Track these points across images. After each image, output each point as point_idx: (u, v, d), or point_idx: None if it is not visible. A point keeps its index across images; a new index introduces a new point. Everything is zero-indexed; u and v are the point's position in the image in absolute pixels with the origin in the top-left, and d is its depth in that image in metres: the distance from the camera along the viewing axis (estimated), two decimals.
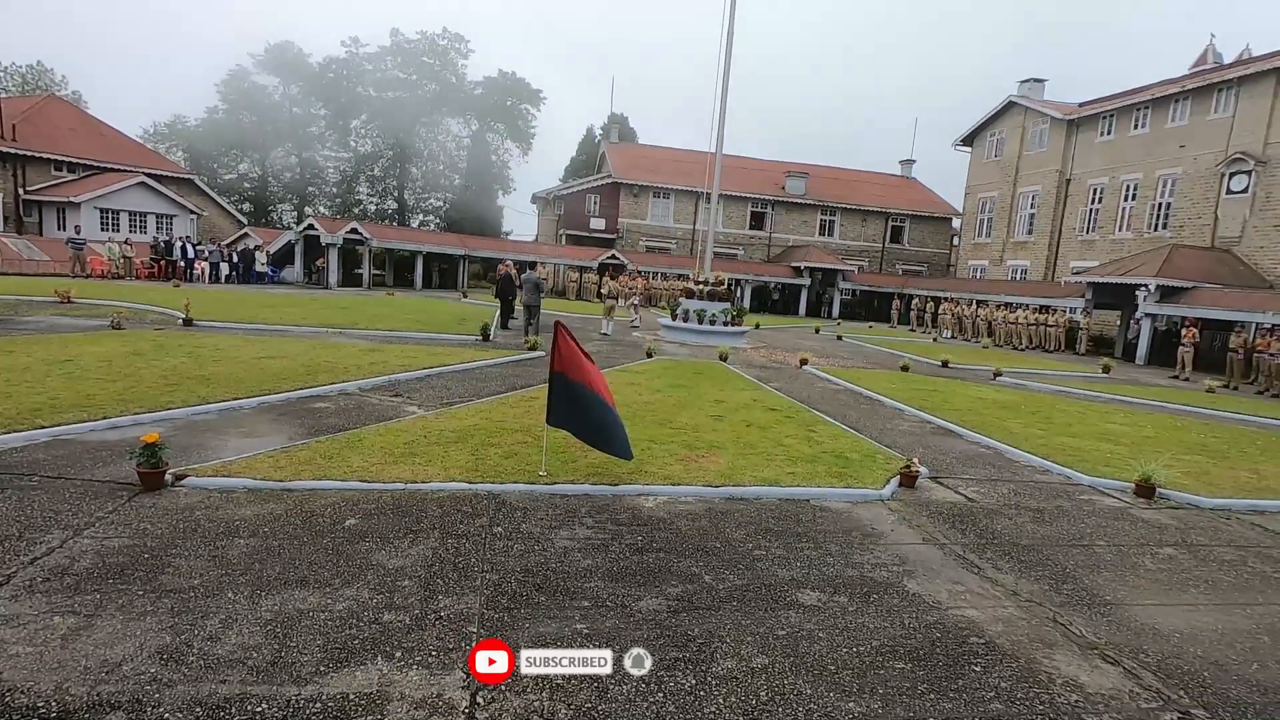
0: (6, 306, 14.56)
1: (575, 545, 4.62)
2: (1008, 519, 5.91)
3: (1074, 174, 32.10)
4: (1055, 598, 4.40)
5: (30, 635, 3.15)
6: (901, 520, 5.64)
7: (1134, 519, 6.21)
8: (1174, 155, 27.23)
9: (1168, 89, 27.49)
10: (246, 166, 51.57)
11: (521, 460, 6.21)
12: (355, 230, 30.63)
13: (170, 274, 26.57)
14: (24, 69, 49.28)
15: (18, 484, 4.97)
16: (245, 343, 11.84)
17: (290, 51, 49.49)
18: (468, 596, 3.81)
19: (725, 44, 19.23)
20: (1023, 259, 34.70)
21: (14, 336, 10.95)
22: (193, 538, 4.30)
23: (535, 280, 16.71)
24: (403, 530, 4.64)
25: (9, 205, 29.54)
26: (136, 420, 6.64)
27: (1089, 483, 7.20)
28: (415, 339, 14.48)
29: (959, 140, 39.45)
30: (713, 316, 18.88)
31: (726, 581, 4.25)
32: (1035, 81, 35.42)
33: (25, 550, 3.97)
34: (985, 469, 7.54)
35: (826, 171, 44.99)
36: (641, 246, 40.12)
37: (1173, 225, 27.23)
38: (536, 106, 54.97)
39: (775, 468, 6.64)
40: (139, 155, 35.22)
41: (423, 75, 52.02)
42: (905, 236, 44.12)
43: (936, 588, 4.41)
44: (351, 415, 7.62)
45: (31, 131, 30.53)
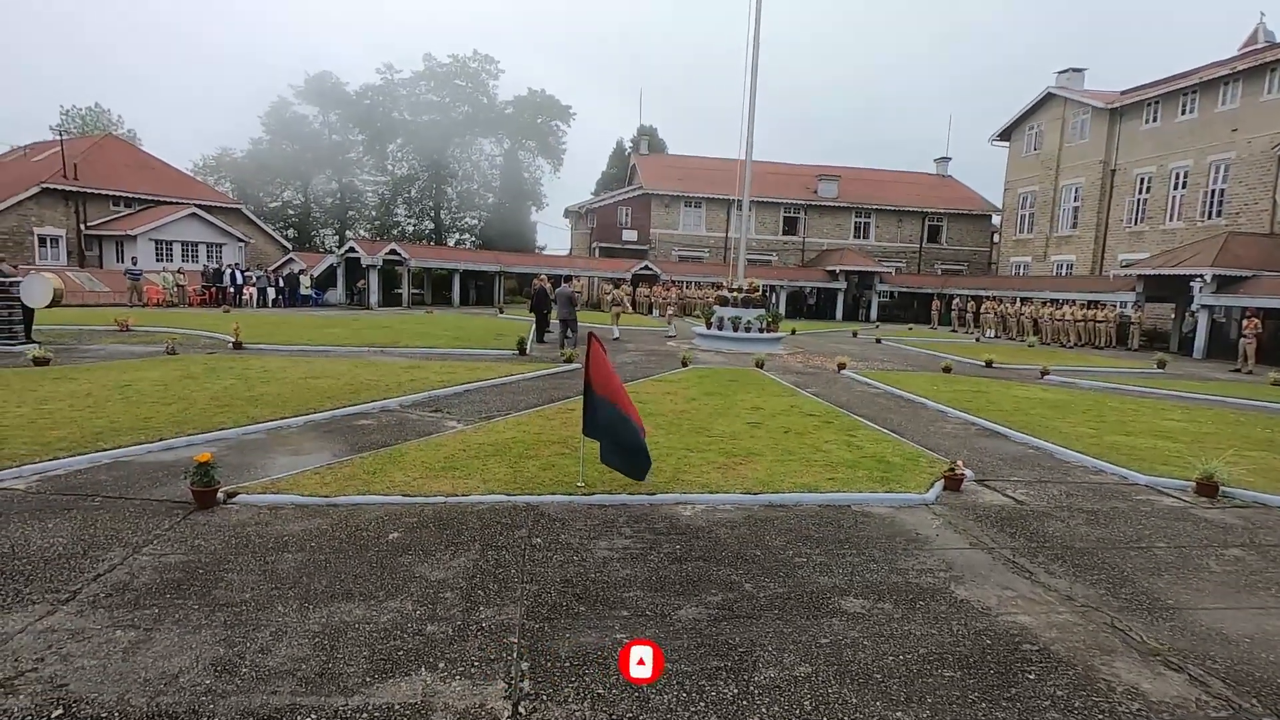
0: (70, 336, 15.32)
1: (614, 555, 4.62)
2: (1060, 521, 5.71)
3: (1119, 164, 31.05)
4: (1113, 602, 4.23)
5: (94, 648, 3.28)
6: (947, 525, 5.50)
7: (1196, 519, 5.93)
8: (1226, 140, 26.14)
9: (1216, 71, 26.43)
10: (290, 194, 53.33)
11: (559, 472, 6.25)
12: (394, 251, 31.40)
13: (220, 300, 27.61)
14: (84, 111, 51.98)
15: (82, 504, 5.21)
16: (292, 364, 12.21)
17: (328, 81, 51.12)
18: (508, 607, 3.84)
19: (751, 52, 19.22)
20: (1068, 254, 33.66)
21: (77, 364, 11.49)
22: (244, 553, 4.44)
23: (569, 294, 16.93)
24: (444, 543, 4.71)
25: (72, 240, 31.09)
26: (190, 441, 6.90)
27: (1146, 482, 6.91)
28: (454, 355, 14.73)
29: (995, 135, 38.57)
30: (748, 323, 18.76)
31: (767, 589, 4.20)
32: (1074, 71, 34.46)
33: (89, 567, 4.15)
34: (1034, 470, 7.30)
35: (858, 174, 44.41)
36: (674, 256, 40.16)
37: (1227, 212, 26.10)
38: (567, 122, 55.68)
39: (815, 474, 6.54)
40: (190, 188, 36.74)
41: (455, 97, 53.16)
42: (943, 235, 43.23)
43: (985, 593, 4.28)
44: (393, 431, 7.78)
45: (91, 170, 32.12)
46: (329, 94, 51.22)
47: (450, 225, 56.42)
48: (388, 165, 54.66)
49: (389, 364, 12.69)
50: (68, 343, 14.28)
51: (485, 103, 53.77)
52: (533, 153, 56.05)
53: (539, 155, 56.25)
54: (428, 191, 54.90)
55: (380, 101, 52.23)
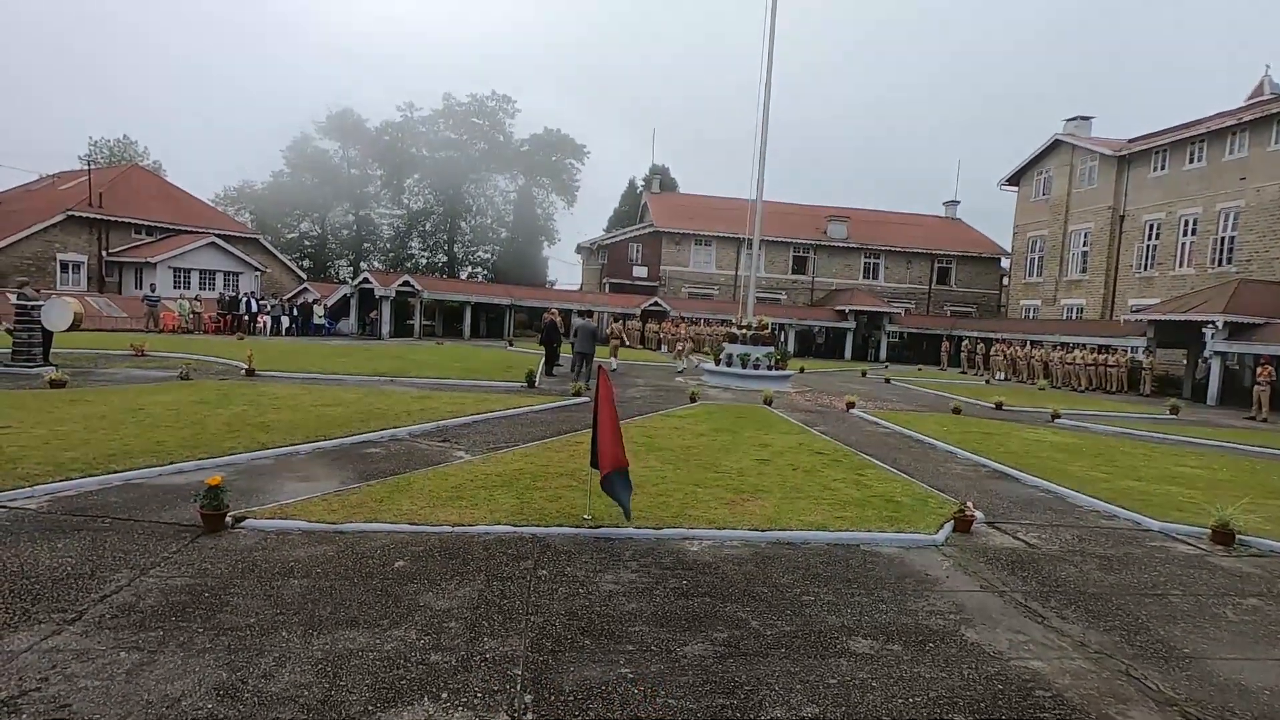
0: (88, 360, 15.52)
1: (620, 589, 4.58)
2: (1072, 566, 5.62)
3: (1128, 210, 31.25)
4: (1127, 649, 4.15)
5: (98, 670, 3.28)
6: (957, 566, 5.43)
7: (1212, 567, 5.83)
8: (1235, 188, 26.32)
9: (1224, 121, 26.76)
10: (308, 225, 54.29)
11: (566, 504, 6.24)
12: (407, 283, 31.80)
13: (235, 327, 27.95)
14: (112, 143, 53.47)
15: (91, 525, 5.23)
16: (303, 391, 12.30)
17: (350, 118, 52.48)
18: (513, 639, 3.81)
19: (763, 95, 19.67)
20: (1078, 298, 33.66)
21: (94, 387, 11.63)
22: (250, 578, 4.43)
23: (590, 329, 16.84)
24: (450, 572, 4.69)
25: (93, 266, 31.71)
26: (200, 465, 6.94)
27: (1159, 528, 6.81)
28: (463, 386, 14.80)
29: (1004, 180, 38.99)
30: (756, 360, 18.78)
31: (775, 627, 4.15)
32: (1082, 119, 34.97)
33: (96, 588, 4.16)
34: (1046, 514, 7.21)
35: (867, 215, 44.86)
36: (684, 293, 40.43)
37: (1238, 260, 26.12)
38: (580, 160, 56.75)
39: (823, 512, 6.49)
40: (210, 218, 37.53)
41: (472, 135, 54.40)
42: (952, 277, 43.40)
43: (997, 637, 4.21)
44: (401, 460, 7.79)
45: (115, 199, 32.92)
46: (350, 130, 52.53)
47: (463, 258, 57.15)
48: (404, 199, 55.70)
49: (399, 393, 12.76)
50: (84, 366, 14.47)
51: (501, 140, 54.96)
52: (546, 189, 57.02)
53: (552, 192, 57.22)
54: (442, 225, 55.77)
55: (399, 138, 53.47)
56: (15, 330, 13.52)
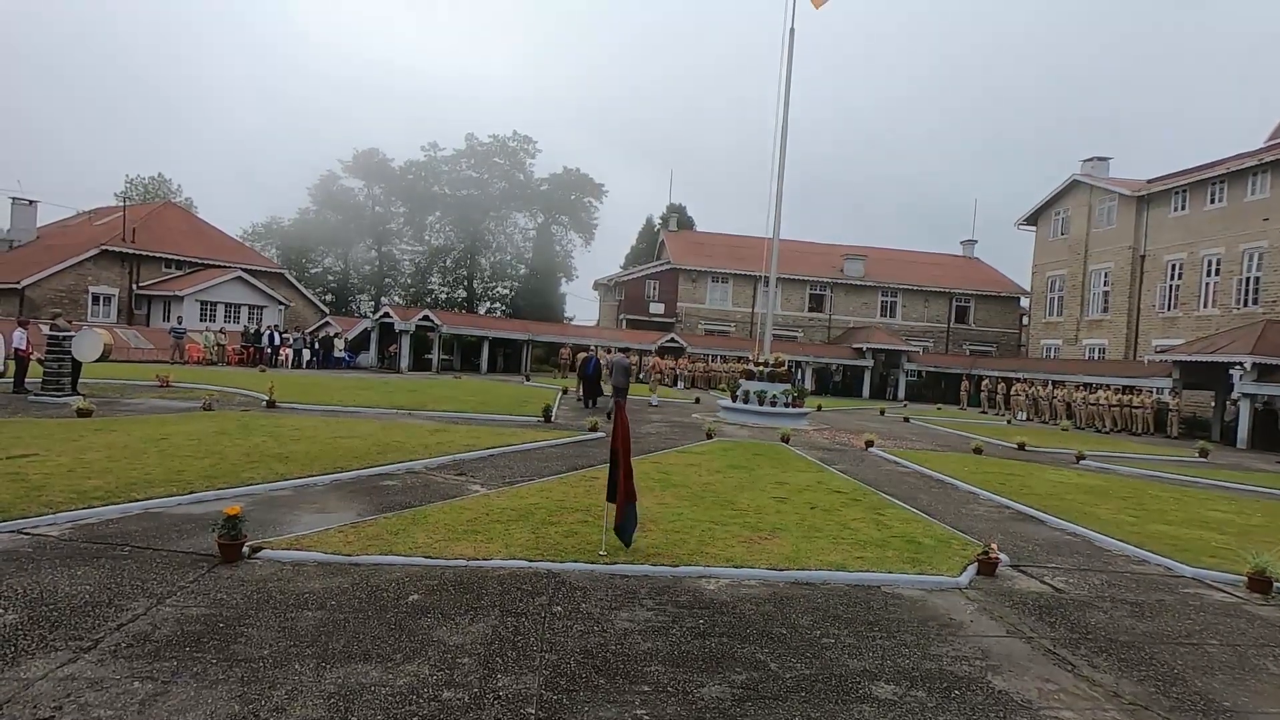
0: (114, 390, 15.81)
1: (635, 627, 4.51)
2: (1102, 612, 5.44)
3: (1148, 250, 31.05)
4: (1164, 701, 3.98)
5: (112, 699, 3.26)
6: (981, 610, 5.28)
7: (1250, 616, 5.61)
8: (1258, 228, 26.10)
9: (1244, 162, 26.69)
10: (331, 260, 55.48)
11: (581, 539, 6.18)
12: (427, 317, 32.23)
13: (257, 360, 28.38)
14: (147, 180, 55.33)
15: (111, 553, 5.27)
16: (322, 423, 12.41)
17: (375, 158, 53.99)
18: (526, 676, 3.75)
19: (780, 136, 19.97)
20: (1100, 337, 33.27)
21: (118, 417, 11.82)
22: (265, 609, 4.42)
23: (625, 365, 17.81)
24: (464, 607, 4.64)
25: (123, 299, 32.54)
26: (219, 495, 6.99)
27: (1192, 574, 6.59)
28: (480, 420, 14.85)
29: (1022, 220, 39.01)
30: (773, 398, 18.68)
31: (794, 670, 4.04)
32: (1099, 160, 35.05)
33: (113, 616, 4.17)
34: (1073, 558, 7.02)
35: (885, 253, 44.95)
36: (700, 329, 40.53)
37: (1264, 300, 25.75)
38: (598, 199, 57.64)
39: (842, 552, 6.37)
40: (237, 253, 38.47)
41: (493, 174, 55.61)
42: (971, 316, 43.15)
43: (1025, 685, 4.06)
44: (417, 493, 7.79)
45: (147, 234, 33.92)
46: (375, 169, 53.95)
47: (482, 294, 57.89)
48: (426, 236, 56.78)
49: (416, 426, 12.82)
50: (111, 396, 14.73)
51: (522, 179, 56.08)
52: (565, 227, 57.88)
53: (571, 229, 58.04)
54: (462, 261, 56.66)
55: (422, 176, 54.78)
56: (46, 360, 13.83)
